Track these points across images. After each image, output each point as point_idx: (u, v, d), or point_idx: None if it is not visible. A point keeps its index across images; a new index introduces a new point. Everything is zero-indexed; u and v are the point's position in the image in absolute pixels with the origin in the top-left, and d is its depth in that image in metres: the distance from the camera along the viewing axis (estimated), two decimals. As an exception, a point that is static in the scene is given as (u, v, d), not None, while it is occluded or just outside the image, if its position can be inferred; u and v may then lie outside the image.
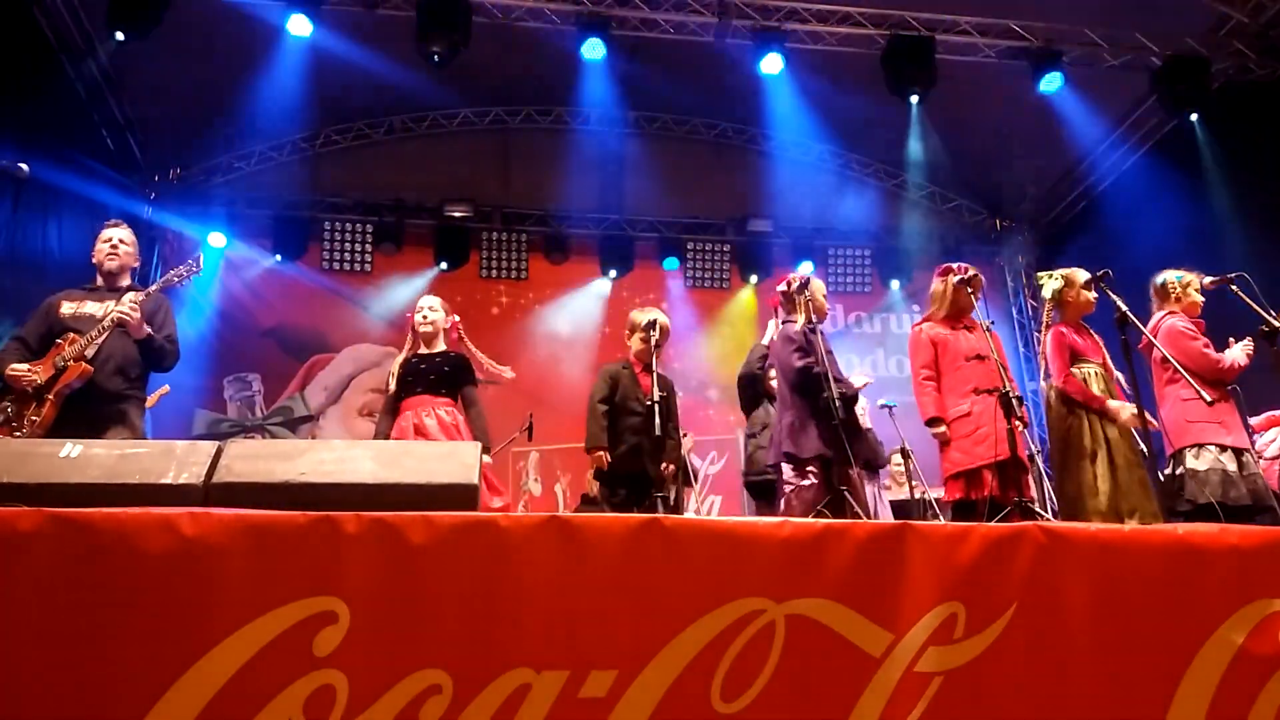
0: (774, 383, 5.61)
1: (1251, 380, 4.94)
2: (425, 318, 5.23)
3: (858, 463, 4.75)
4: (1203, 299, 5.05)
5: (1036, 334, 11.30)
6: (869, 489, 6.30)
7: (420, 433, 4.86)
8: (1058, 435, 4.73)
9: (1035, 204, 11.56)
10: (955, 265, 5.02)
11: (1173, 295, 5.05)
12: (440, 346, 5.24)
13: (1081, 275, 4.95)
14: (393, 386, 5.03)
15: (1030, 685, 2.45)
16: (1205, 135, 8.65)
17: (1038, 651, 2.47)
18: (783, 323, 5.15)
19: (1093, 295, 4.90)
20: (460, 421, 4.99)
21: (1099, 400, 4.64)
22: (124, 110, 9.49)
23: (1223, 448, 4.62)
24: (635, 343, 5.49)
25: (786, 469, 4.76)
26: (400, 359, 5.14)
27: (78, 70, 8.55)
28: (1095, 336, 4.92)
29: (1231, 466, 4.55)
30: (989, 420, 4.50)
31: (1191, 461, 4.62)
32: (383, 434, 4.99)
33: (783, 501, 4.76)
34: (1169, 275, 5.11)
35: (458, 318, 5.46)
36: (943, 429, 4.65)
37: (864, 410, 7.11)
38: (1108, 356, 4.86)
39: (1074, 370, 4.72)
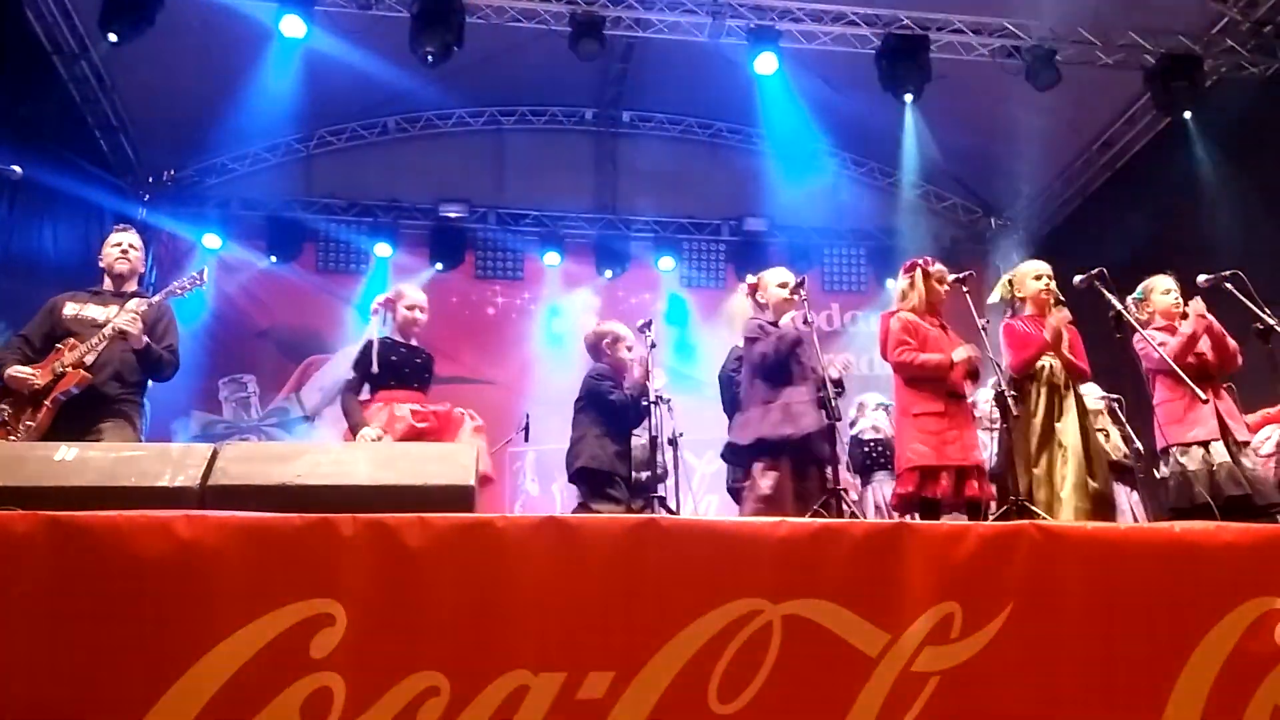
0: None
1: (1246, 378, 4.95)
2: (416, 317, 5.16)
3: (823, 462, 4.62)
4: (1173, 300, 4.97)
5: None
6: (888, 490, 6.29)
7: (442, 422, 4.78)
8: (1015, 431, 4.65)
9: (1029, 203, 11.56)
10: (921, 259, 4.99)
11: (1144, 312, 5.02)
12: (413, 340, 5.17)
13: (1029, 267, 4.95)
14: (375, 369, 4.82)
15: (1027, 684, 2.46)
16: (1199, 133, 8.66)
17: (1034, 650, 2.48)
18: (745, 321, 5.09)
19: (1041, 285, 4.85)
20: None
21: (1039, 341, 4.58)
22: (117, 112, 9.44)
23: (1185, 447, 4.62)
24: (622, 351, 5.45)
25: (755, 466, 4.65)
26: (376, 343, 4.92)
27: (71, 72, 8.52)
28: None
29: (1193, 466, 4.55)
30: (960, 425, 4.51)
31: (1161, 469, 4.66)
32: (359, 416, 4.72)
33: (742, 500, 4.70)
34: (1130, 299, 5.05)
35: None
36: (961, 358, 4.56)
37: (884, 407, 7.04)
38: (1066, 345, 4.77)
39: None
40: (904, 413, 4.66)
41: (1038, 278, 4.87)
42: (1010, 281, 5.01)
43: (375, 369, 4.84)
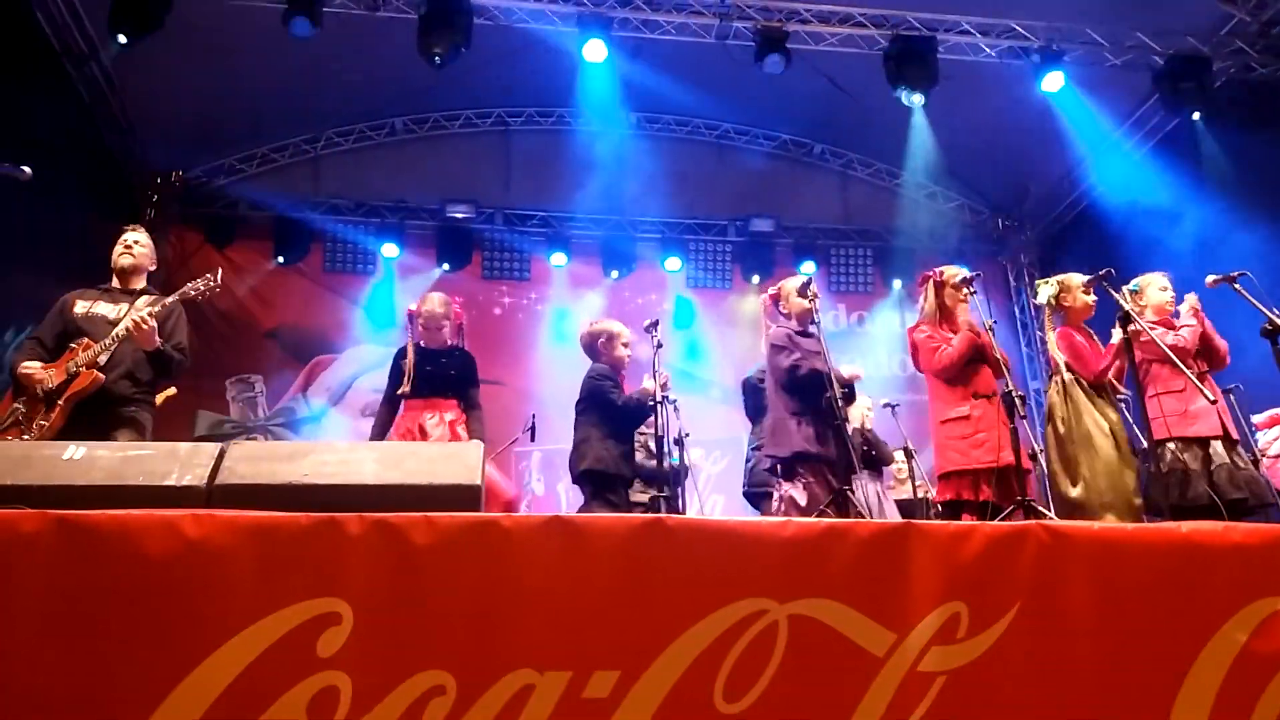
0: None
1: (1254, 378, 4.93)
2: (425, 322, 5.22)
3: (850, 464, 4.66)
4: (1169, 297, 5.01)
5: (1039, 334, 11.27)
6: (872, 488, 6.30)
7: (423, 435, 4.87)
8: (1057, 432, 4.70)
9: (1037, 203, 11.55)
10: (933, 271, 5.00)
11: (1138, 304, 5.02)
12: (441, 343, 5.24)
13: (1079, 279, 4.93)
14: (405, 386, 5.00)
15: (1033, 684, 2.45)
16: (1207, 134, 8.64)
17: (1041, 651, 2.47)
18: (773, 329, 5.13)
19: (1091, 299, 4.87)
20: (461, 426, 5.00)
21: (1108, 362, 4.67)
22: (126, 113, 9.49)
23: (1185, 442, 4.62)
24: (618, 349, 5.45)
25: (778, 472, 4.75)
26: (410, 357, 5.11)
27: (80, 73, 8.56)
28: (1098, 341, 4.90)
29: (1194, 464, 4.54)
30: (988, 425, 4.48)
31: (1159, 464, 4.62)
32: (381, 427, 4.99)
33: (774, 505, 4.74)
34: (1125, 289, 5.07)
35: (458, 308, 5.44)
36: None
37: (869, 410, 7.12)
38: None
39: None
40: (935, 421, 4.73)
41: (1087, 291, 4.87)
42: (1060, 289, 4.97)
43: (395, 380, 5.09)
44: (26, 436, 3.99)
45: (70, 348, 4.24)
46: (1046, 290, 5.02)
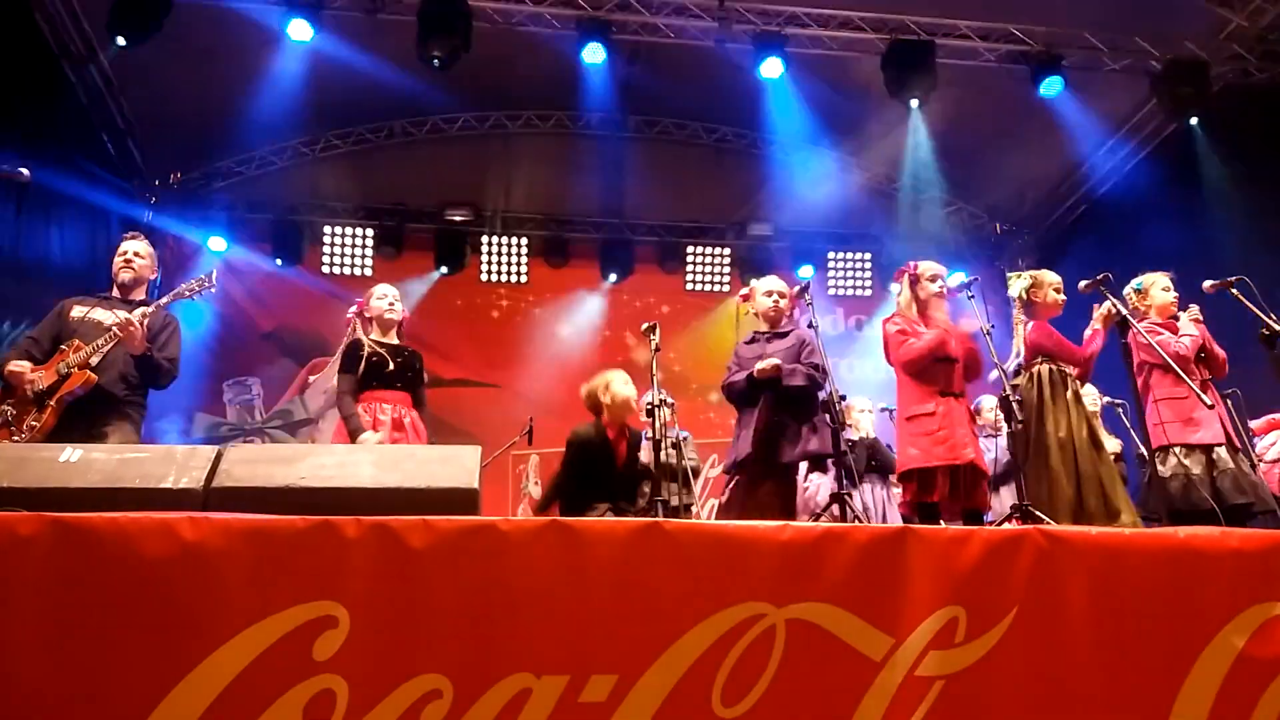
0: None
1: (1252, 383, 4.93)
2: (391, 305, 5.18)
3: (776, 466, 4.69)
4: (1172, 298, 5.01)
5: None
6: (878, 493, 6.31)
7: (398, 428, 4.80)
8: (1026, 430, 4.63)
9: (1035, 208, 11.55)
10: (909, 265, 4.99)
11: (1135, 306, 5.02)
12: (394, 338, 5.16)
13: (1052, 276, 4.93)
14: (390, 366, 4.91)
15: (1031, 689, 2.45)
16: (1205, 139, 8.65)
17: (1039, 655, 2.47)
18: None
19: (1061, 298, 4.86)
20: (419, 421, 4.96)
21: (1089, 343, 4.67)
22: (125, 115, 9.48)
23: (1189, 448, 4.61)
24: (618, 389, 5.40)
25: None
26: (366, 345, 4.98)
27: (79, 75, 8.55)
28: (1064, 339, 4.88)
29: (1197, 469, 4.54)
30: (951, 424, 4.44)
31: (1159, 468, 4.60)
32: (357, 419, 4.81)
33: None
34: (1129, 288, 5.07)
35: (405, 308, 5.40)
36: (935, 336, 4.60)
37: (868, 411, 7.10)
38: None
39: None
40: (901, 418, 4.68)
41: (1058, 290, 4.87)
42: (1031, 284, 4.97)
43: (361, 371, 4.92)
44: (17, 438, 3.97)
45: (61, 349, 4.23)
46: (1018, 284, 5.02)
